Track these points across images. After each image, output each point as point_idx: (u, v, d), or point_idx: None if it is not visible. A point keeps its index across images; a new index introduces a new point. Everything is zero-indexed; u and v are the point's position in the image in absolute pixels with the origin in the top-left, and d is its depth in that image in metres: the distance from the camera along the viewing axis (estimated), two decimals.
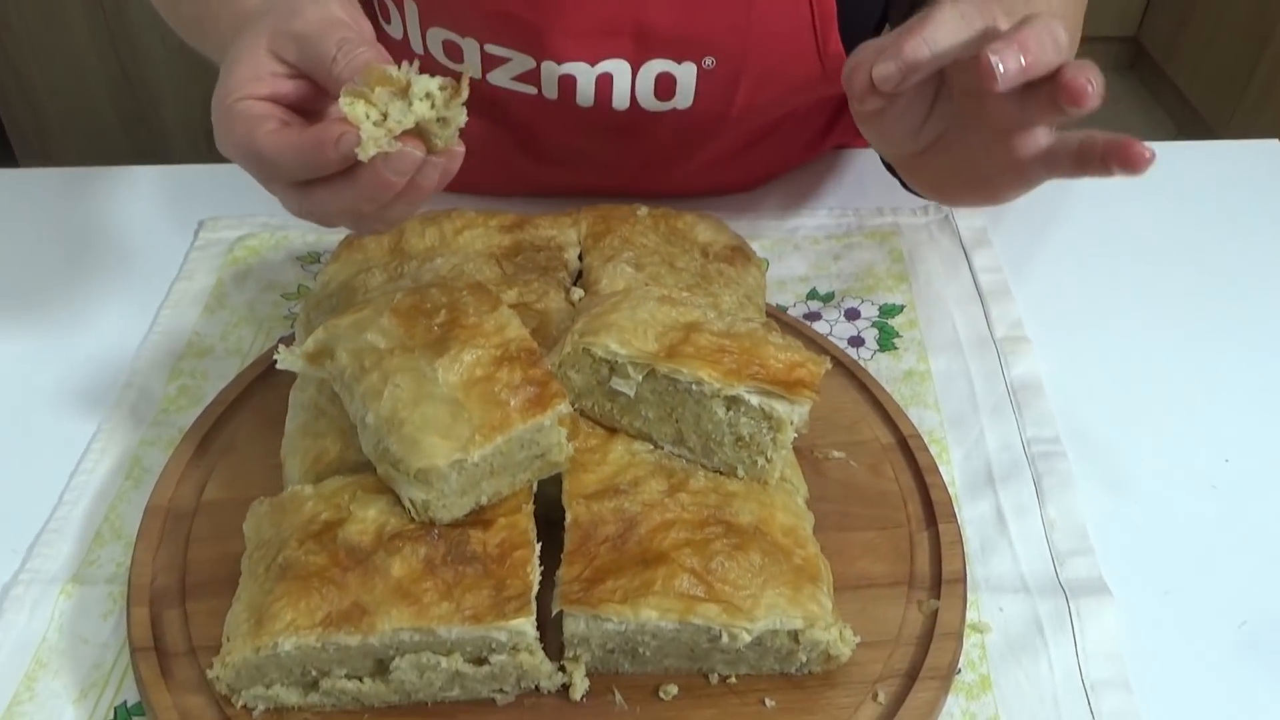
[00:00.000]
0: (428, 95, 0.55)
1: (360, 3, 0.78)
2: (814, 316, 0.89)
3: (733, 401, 0.64)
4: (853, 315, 0.90)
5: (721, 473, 0.66)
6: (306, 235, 0.97)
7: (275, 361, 0.66)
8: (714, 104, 0.88)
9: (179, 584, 0.67)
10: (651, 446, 0.67)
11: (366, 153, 0.54)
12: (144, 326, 0.88)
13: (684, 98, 0.87)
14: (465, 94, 0.55)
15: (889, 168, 0.75)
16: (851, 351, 0.86)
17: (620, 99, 0.86)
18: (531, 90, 0.87)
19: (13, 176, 1.05)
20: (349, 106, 0.54)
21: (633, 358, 0.64)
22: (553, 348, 0.67)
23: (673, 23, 0.82)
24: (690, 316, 0.67)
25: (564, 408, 0.61)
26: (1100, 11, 2.88)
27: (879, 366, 0.85)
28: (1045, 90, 0.59)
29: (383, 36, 0.94)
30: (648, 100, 0.86)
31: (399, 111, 0.54)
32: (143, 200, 1.02)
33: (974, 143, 0.66)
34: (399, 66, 0.55)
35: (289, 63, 0.60)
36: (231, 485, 0.72)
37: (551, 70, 0.85)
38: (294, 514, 0.62)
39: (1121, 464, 0.79)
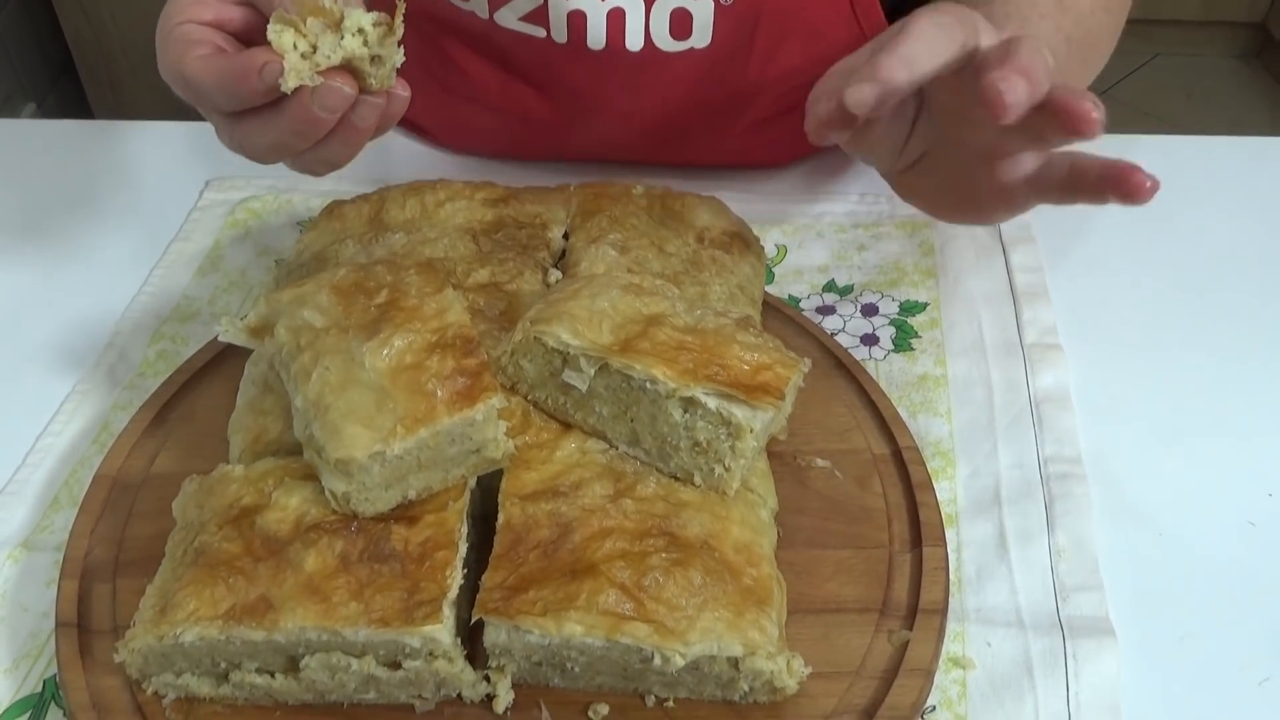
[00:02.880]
0: (360, 30, 0.52)
1: None
2: (828, 310, 0.83)
3: (689, 403, 0.59)
4: (870, 311, 0.83)
5: (678, 479, 0.61)
6: (311, 200, 0.94)
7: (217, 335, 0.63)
8: (734, 45, 0.83)
9: (114, 559, 0.64)
10: (605, 446, 0.62)
11: (288, 84, 0.51)
12: (138, 286, 0.87)
13: (701, 35, 0.82)
14: (400, 31, 0.53)
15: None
16: (863, 350, 0.80)
17: (634, 38, 0.81)
18: (540, 32, 0.83)
19: (27, 127, 1.05)
20: (276, 35, 0.51)
21: (585, 350, 0.60)
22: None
23: None
24: (655, 308, 0.62)
25: (496, 401, 0.57)
26: None
27: (891, 368, 0.79)
28: (1034, 117, 0.53)
29: None
30: (663, 39, 0.81)
31: (329, 45, 0.52)
32: (161, 156, 1.01)
33: (957, 163, 0.63)
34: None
35: None
36: (183, 458, 0.70)
37: (560, 6, 0.80)
38: (219, 496, 0.59)
39: (1148, 491, 0.71)
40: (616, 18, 0.81)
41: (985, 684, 0.61)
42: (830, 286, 0.85)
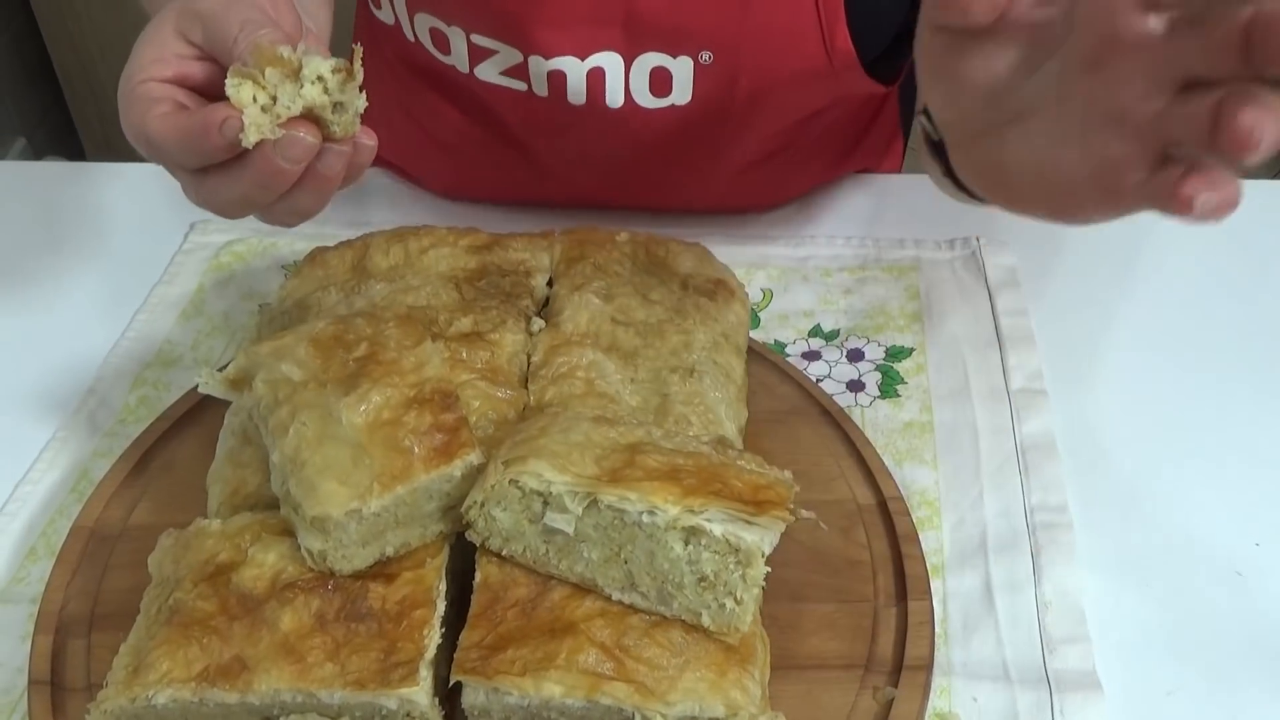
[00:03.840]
0: (320, 78, 0.51)
1: None
2: (813, 356, 0.83)
3: (692, 533, 0.54)
4: (855, 357, 0.83)
5: (685, 621, 0.56)
6: (296, 243, 0.93)
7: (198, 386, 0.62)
8: (714, 101, 0.83)
9: (89, 613, 0.64)
10: None
11: (249, 139, 0.50)
12: (120, 330, 0.86)
13: (681, 93, 0.81)
14: (359, 76, 0.52)
15: (934, 149, 0.57)
16: (849, 397, 0.79)
17: (614, 95, 0.81)
18: (521, 87, 0.83)
19: (10, 168, 1.05)
20: (234, 89, 0.51)
21: (572, 486, 0.54)
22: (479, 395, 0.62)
23: (663, 9, 0.77)
24: (632, 436, 0.58)
25: (474, 458, 0.56)
26: None
27: (877, 415, 0.78)
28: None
29: (375, 23, 0.91)
30: (643, 96, 0.81)
31: (288, 95, 0.51)
32: (146, 198, 1.00)
33: (1072, 129, 0.45)
34: (294, 47, 0.51)
35: (195, 44, 0.57)
36: (162, 509, 0.69)
37: (540, 65, 0.80)
38: (194, 551, 0.58)
39: (1135, 541, 0.71)
40: (596, 76, 0.81)
41: None
42: (816, 331, 0.85)
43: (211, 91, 0.57)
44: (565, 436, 0.57)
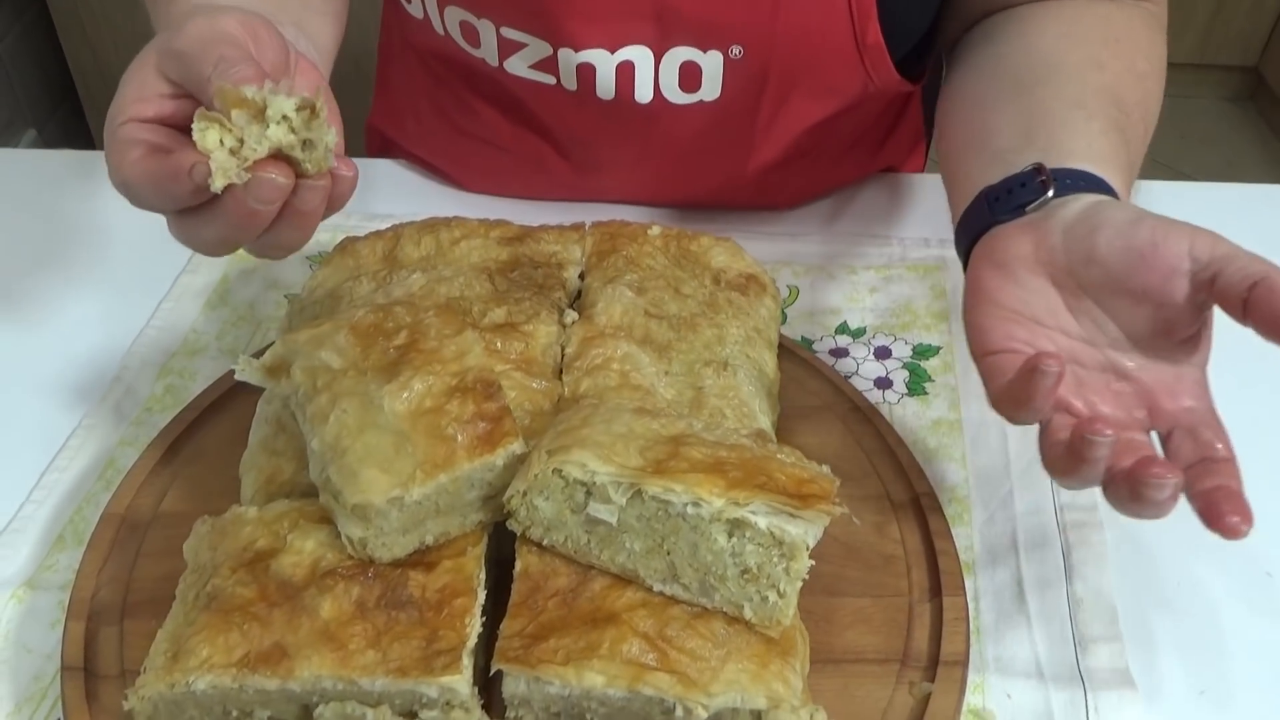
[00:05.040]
0: (285, 117, 0.51)
1: None
2: (840, 353, 0.83)
3: (736, 526, 0.54)
4: (883, 354, 0.83)
5: (726, 614, 0.56)
6: (320, 234, 0.92)
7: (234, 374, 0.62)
8: (744, 97, 0.83)
9: (121, 600, 0.63)
10: None
11: (216, 184, 0.50)
12: (145, 319, 0.86)
13: (711, 88, 0.81)
14: (324, 113, 0.51)
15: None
16: (877, 394, 0.79)
17: (643, 90, 0.81)
18: (550, 80, 0.83)
19: (31, 156, 1.04)
20: (200, 134, 0.51)
21: (616, 476, 0.54)
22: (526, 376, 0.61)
23: (695, 2, 0.77)
24: (674, 429, 0.58)
25: (517, 447, 0.56)
26: (1220, 41, 2.77)
27: (905, 412, 0.78)
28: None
29: (404, 16, 0.91)
30: (672, 91, 0.81)
31: (255, 137, 0.51)
32: None
33: None
34: (261, 85, 0.51)
35: (174, 82, 0.57)
36: (192, 497, 0.69)
37: (569, 58, 0.80)
38: (232, 538, 0.58)
39: (1164, 542, 0.71)
40: (626, 70, 0.81)
41: None
42: (843, 329, 0.85)
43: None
44: (608, 427, 0.57)
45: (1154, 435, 0.58)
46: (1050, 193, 0.62)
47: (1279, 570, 0.69)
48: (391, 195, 0.99)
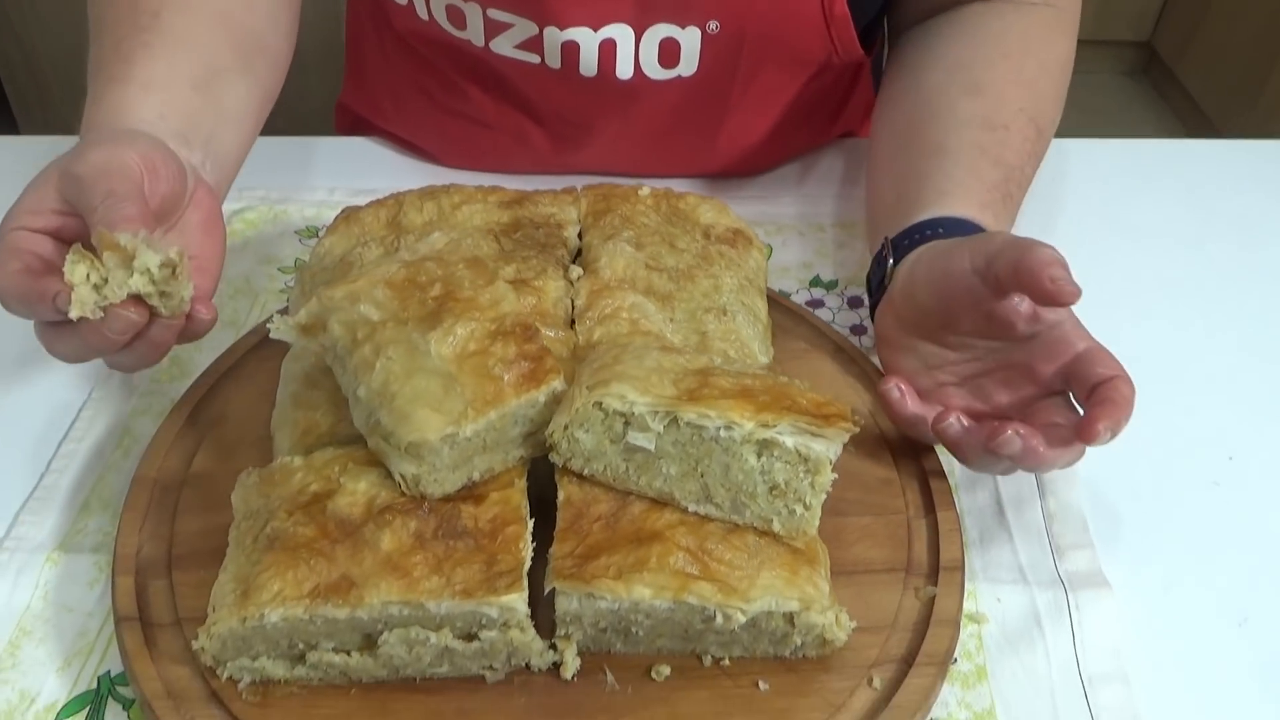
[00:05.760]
0: (147, 270, 0.57)
1: None
2: (816, 304, 0.88)
3: (765, 446, 0.58)
4: (856, 303, 0.89)
5: (756, 529, 0.61)
6: (305, 210, 0.96)
7: (269, 332, 0.65)
8: (719, 71, 0.88)
9: (165, 555, 0.65)
10: None
11: (74, 314, 0.56)
12: None
13: (689, 64, 0.86)
14: (184, 274, 0.58)
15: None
16: (854, 340, 0.85)
17: (624, 67, 0.85)
18: (534, 59, 0.86)
19: (19, 143, 1.04)
20: (70, 267, 0.56)
21: (654, 405, 0.58)
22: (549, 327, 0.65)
23: None
24: (699, 363, 0.62)
25: (559, 384, 0.60)
26: (1114, 16, 2.91)
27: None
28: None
29: (382, 2, 0.93)
30: (652, 68, 0.86)
31: (118, 281, 0.57)
32: None
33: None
34: (137, 233, 0.57)
35: (68, 200, 0.63)
36: (220, 457, 0.71)
37: (554, 37, 0.84)
38: (283, 485, 0.61)
39: (1124, 460, 0.77)
40: (608, 48, 0.85)
41: (999, 635, 0.67)
42: (816, 281, 0.91)
43: (83, 243, 0.62)
44: (640, 363, 0.61)
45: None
46: (891, 262, 0.75)
47: (1225, 480, 0.77)
48: (369, 172, 1.01)
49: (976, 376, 0.71)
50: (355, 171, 1.01)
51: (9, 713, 0.61)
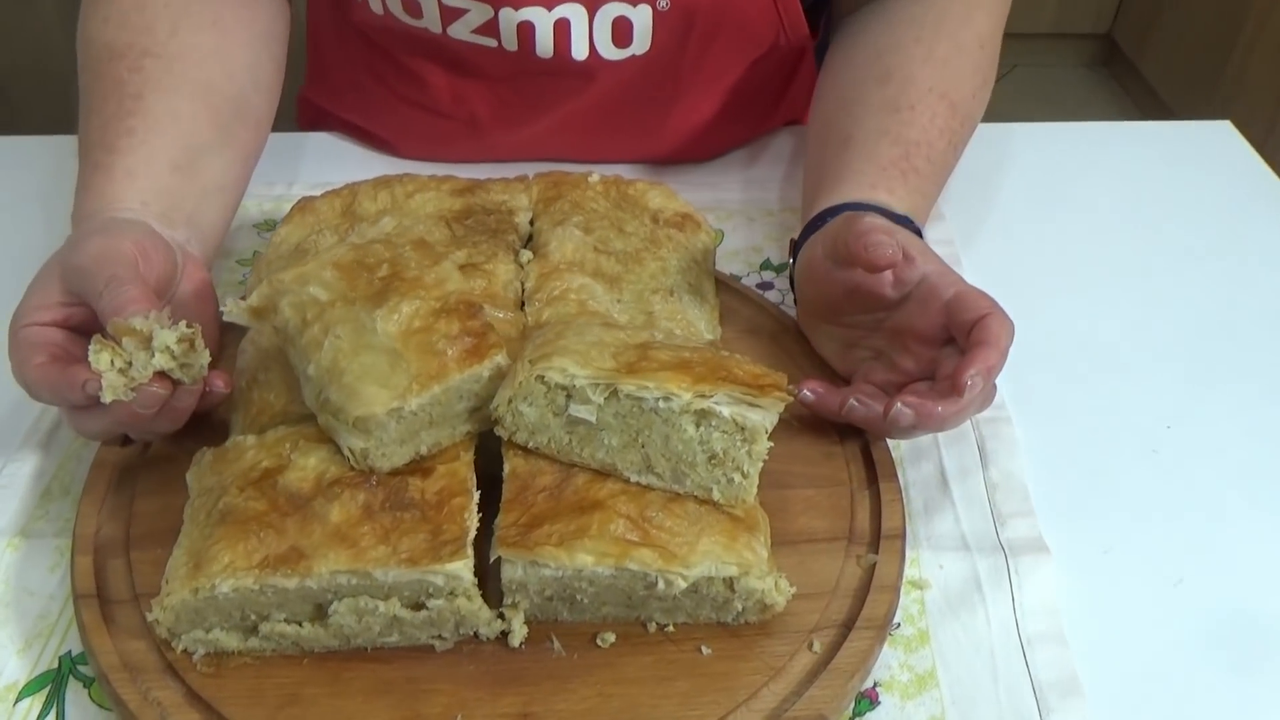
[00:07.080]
0: (167, 347, 0.60)
1: None
2: (766, 286, 0.90)
3: (702, 416, 0.60)
4: None
5: (695, 497, 0.62)
6: (263, 204, 0.97)
7: (222, 315, 0.66)
8: (670, 48, 0.90)
9: (124, 535, 0.67)
10: None
11: (106, 398, 0.59)
12: None
13: (641, 42, 0.88)
14: (200, 346, 0.61)
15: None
16: None
17: (579, 47, 0.88)
18: (492, 43, 0.88)
19: (19, 143, 1.06)
20: (94, 356, 0.59)
21: (594, 378, 0.60)
22: (495, 308, 0.67)
23: None
24: (640, 338, 0.64)
25: (501, 359, 0.62)
26: (1074, 9, 2.94)
27: None
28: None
29: None
30: (606, 47, 0.88)
31: (141, 362, 0.60)
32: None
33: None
34: (148, 315, 0.60)
35: (73, 293, 0.67)
36: (178, 441, 0.72)
37: (510, 18, 0.86)
38: (235, 462, 0.63)
39: (1065, 430, 0.80)
40: (563, 28, 0.87)
41: (941, 600, 0.68)
42: (766, 265, 0.93)
43: (91, 330, 0.66)
44: (581, 338, 0.63)
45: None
46: (791, 261, 0.81)
47: (1163, 447, 0.79)
48: (329, 165, 1.03)
49: (884, 349, 0.75)
50: (314, 165, 1.02)
51: None
